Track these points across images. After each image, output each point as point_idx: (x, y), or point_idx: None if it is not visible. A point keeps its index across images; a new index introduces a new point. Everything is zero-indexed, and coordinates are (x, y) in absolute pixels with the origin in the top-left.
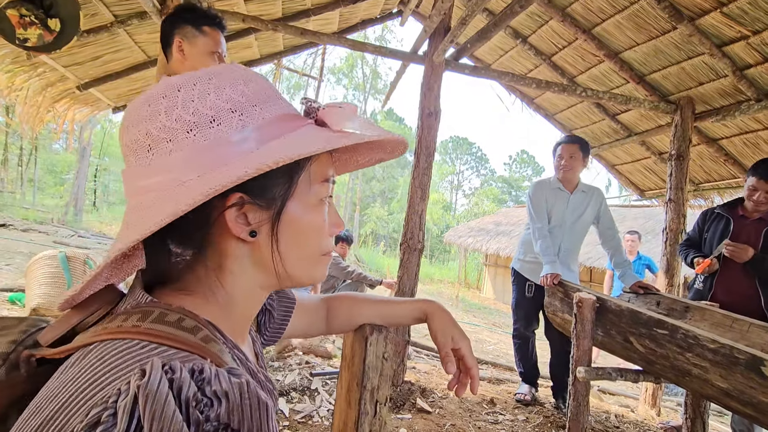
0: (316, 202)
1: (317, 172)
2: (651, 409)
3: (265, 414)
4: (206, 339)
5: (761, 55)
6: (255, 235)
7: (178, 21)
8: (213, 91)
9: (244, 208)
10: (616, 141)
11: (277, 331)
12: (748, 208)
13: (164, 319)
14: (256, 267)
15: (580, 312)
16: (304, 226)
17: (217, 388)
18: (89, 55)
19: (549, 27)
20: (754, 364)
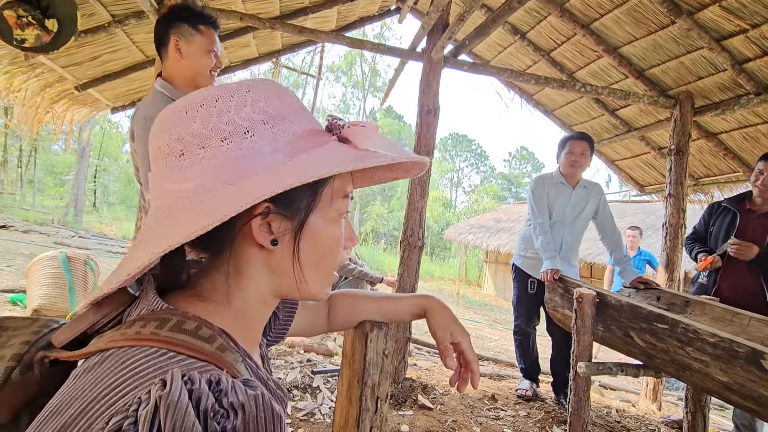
0: (336, 216)
1: (339, 188)
2: (652, 404)
3: (279, 426)
4: (222, 348)
5: (760, 48)
6: (276, 243)
7: (174, 20)
8: (249, 103)
9: (268, 217)
10: (616, 136)
11: (281, 331)
12: (755, 194)
13: (182, 327)
14: (271, 274)
15: (580, 307)
16: (324, 238)
17: (234, 400)
18: (87, 55)
19: (547, 23)
20: (754, 357)
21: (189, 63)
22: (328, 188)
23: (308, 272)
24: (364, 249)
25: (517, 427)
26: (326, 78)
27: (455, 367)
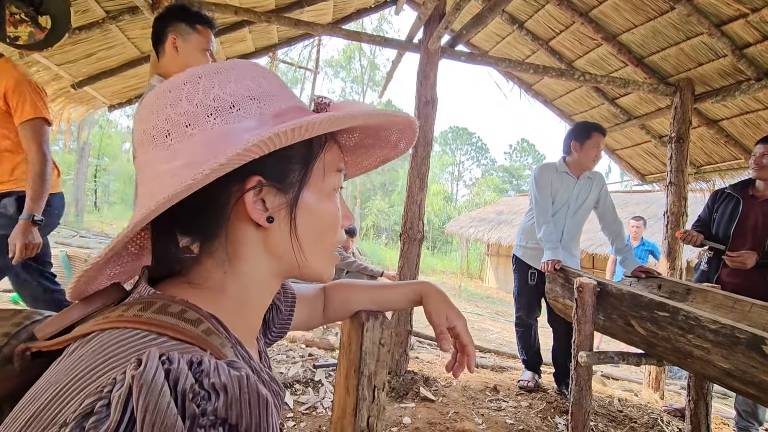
0: (330, 191)
1: (330, 162)
2: (654, 393)
3: (265, 409)
4: (208, 331)
5: (761, 33)
6: (272, 221)
7: (172, 19)
8: (234, 80)
9: (262, 192)
10: (616, 125)
11: (284, 326)
12: (754, 176)
13: (167, 310)
14: (269, 254)
15: (581, 297)
16: (320, 213)
17: (216, 381)
18: (82, 52)
19: (545, 11)
20: (755, 343)
21: (185, 60)
22: (319, 162)
23: (308, 249)
24: (366, 244)
25: (519, 417)
26: (325, 73)
27: (452, 351)
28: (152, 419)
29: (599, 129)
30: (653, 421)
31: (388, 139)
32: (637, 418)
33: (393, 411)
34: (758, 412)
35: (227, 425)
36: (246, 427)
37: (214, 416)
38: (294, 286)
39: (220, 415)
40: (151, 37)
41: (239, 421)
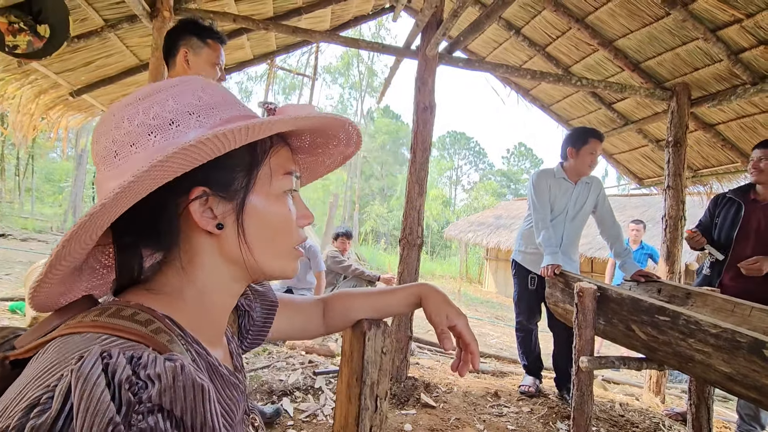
0: (279, 193)
1: (277, 165)
2: (656, 397)
3: (200, 395)
4: (157, 330)
5: (755, 38)
6: (222, 227)
7: (184, 33)
8: (172, 97)
9: (209, 202)
10: (613, 130)
11: (259, 333)
12: (753, 181)
13: (120, 313)
14: (224, 259)
15: (581, 302)
16: (268, 217)
17: (151, 372)
18: (81, 60)
19: (542, 17)
20: (756, 347)
21: (195, 74)
22: (264, 167)
23: (261, 251)
24: (365, 249)
25: (521, 423)
26: (323, 79)
27: (454, 350)
28: (86, 406)
29: (595, 134)
30: (655, 426)
31: (338, 137)
32: (638, 423)
33: (394, 418)
34: (760, 415)
35: (164, 411)
36: (181, 411)
37: (150, 403)
38: (288, 296)
39: (155, 401)
40: (162, 49)
41: (173, 407)
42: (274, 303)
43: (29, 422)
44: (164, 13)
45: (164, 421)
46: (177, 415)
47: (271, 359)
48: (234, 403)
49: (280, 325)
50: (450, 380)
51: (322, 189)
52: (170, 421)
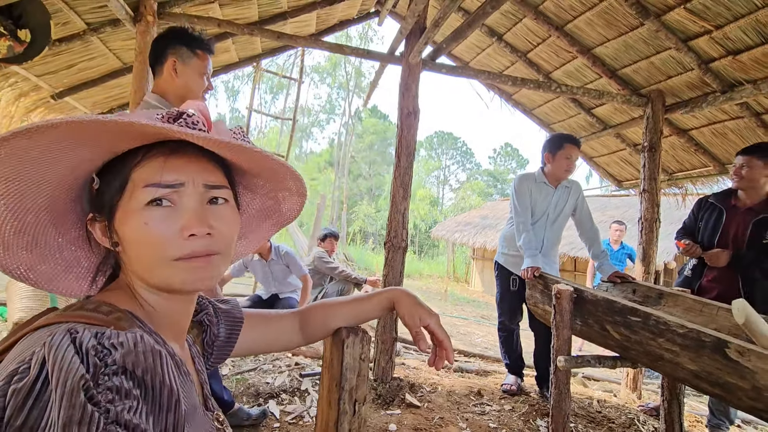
0: (138, 208)
1: (140, 179)
2: (632, 393)
3: (159, 359)
4: (118, 318)
5: (724, 48)
6: (117, 245)
7: (173, 41)
8: None
9: (100, 224)
10: (593, 134)
11: (223, 349)
12: (735, 187)
13: (84, 307)
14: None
15: (558, 303)
16: (128, 233)
17: (114, 341)
18: (63, 63)
19: (523, 25)
20: (719, 346)
21: (183, 83)
22: (130, 183)
23: (138, 267)
24: (353, 249)
25: (503, 421)
26: (311, 79)
27: (430, 349)
28: (60, 366)
29: (570, 140)
30: (630, 421)
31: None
32: (615, 419)
33: (379, 418)
34: (730, 410)
35: (127, 372)
36: (142, 372)
37: (115, 365)
38: (259, 310)
39: (119, 363)
40: (149, 55)
41: (135, 368)
42: (239, 319)
43: (11, 386)
44: (148, 17)
45: (128, 381)
46: (138, 376)
47: (257, 362)
48: (188, 391)
49: (249, 339)
50: (434, 380)
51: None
52: (133, 381)
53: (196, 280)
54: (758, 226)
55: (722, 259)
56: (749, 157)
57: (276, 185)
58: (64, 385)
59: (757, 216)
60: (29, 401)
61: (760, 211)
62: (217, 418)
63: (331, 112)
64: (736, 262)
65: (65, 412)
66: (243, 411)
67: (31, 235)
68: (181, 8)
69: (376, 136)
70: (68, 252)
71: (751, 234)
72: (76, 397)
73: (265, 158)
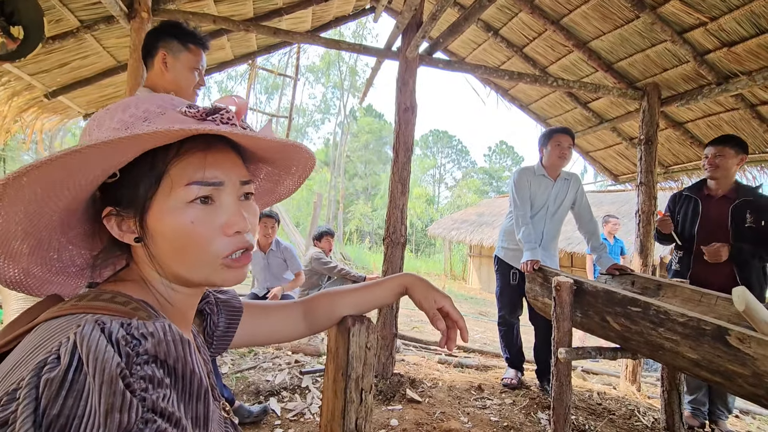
0: (180, 205)
1: (180, 176)
2: (632, 386)
3: (187, 348)
4: (136, 308)
5: (719, 40)
6: (140, 240)
7: (165, 35)
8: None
9: (122, 219)
10: (589, 128)
11: (222, 339)
12: (709, 184)
13: (99, 297)
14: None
15: (558, 295)
16: (168, 229)
17: (144, 330)
18: (56, 61)
19: (519, 19)
20: (719, 334)
21: (173, 77)
22: (166, 179)
23: (176, 264)
24: (350, 248)
25: (504, 414)
26: (306, 79)
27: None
28: (95, 356)
29: (559, 130)
30: (630, 412)
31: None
32: (615, 410)
33: (381, 413)
34: (728, 400)
35: (158, 361)
36: (174, 360)
37: (146, 354)
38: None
39: (151, 353)
40: (141, 49)
41: (167, 357)
42: (238, 309)
43: (43, 376)
44: (142, 14)
45: (159, 369)
46: (169, 364)
47: (257, 360)
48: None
49: (249, 330)
50: (435, 375)
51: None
52: (164, 369)
53: (237, 277)
54: (737, 211)
55: (723, 254)
56: (722, 146)
57: (283, 170)
58: (102, 374)
59: (732, 203)
60: (63, 391)
61: (733, 197)
62: (223, 407)
63: (326, 112)
64: (736, 255)
65: (106, 399)
66: (244, 408)
67: (36, 237)
68: (175, 4)
69: (372, 135)
70: (66, 251)
71: (733, 220)
72: (116, 385)
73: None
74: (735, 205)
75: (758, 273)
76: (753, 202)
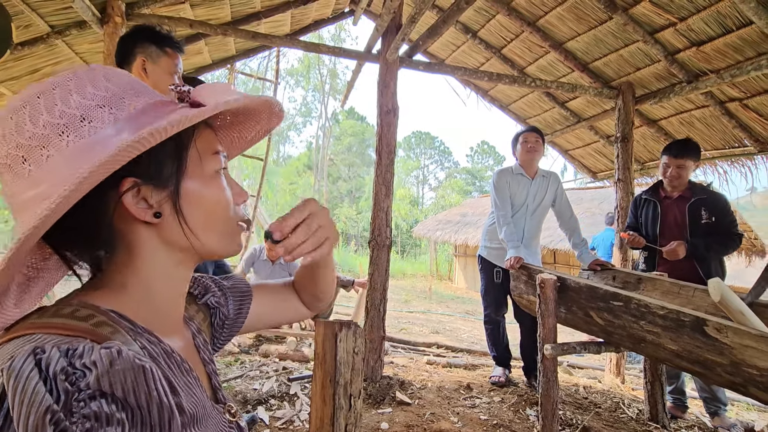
0: (212, 173)
1: (204, 147)
2: (616, 378)
3: (142, 376)
4: (98, 324)
5: (688, 40)
6: (160, 215)
7: (142, 40)
8: (74, 91)
9: (141, 192)
10: (567, 127)
11: (233, 326)
12: (666, 186)
13: (59, 312)
14: (166, 246)
15: (543, 292)
16: (205, 198)
17: (86, 360)
18: (26, 68)
19: (496, 21)
20: (698, 325)
21: (153, 83)
22: (192, 150)
23: (204, 233)
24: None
25: (493, 412)
26: (286, 82)
27: None
28: (21, 399)
29: (525, 129)
30: (615, 405)
31: (260, 113)
32: (601, 403)
33: (371, 417)
34: (718, 395)
35: (107, 396)
36: (124, 392)
37: (89, 389)
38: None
39: (94, 387)
40: (115, 55)
41: (113, 390)
42: (247, 292)
43: None
44: (116, 18)
45: (108, 404)
46: (120, 397)
47: (243, 369)
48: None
49: (256, 313)
50: (424, 376)
51: (289, 193)
52: (115, 404)
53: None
54: (693, 209)
55: (680, 251)
56: (683, 159)
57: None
58: (26, 421)
59: (689, 201)
60: None
61: (689, 197)
62: (229, 410)
63: (307, 115)
64: (693, 251)
65: None
66: None
67: None
68: (150, 9)
69: (354, 138)
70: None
71: (690, 217)
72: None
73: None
74: (691, 203)
75: (716, 266)
76: (707, 199)
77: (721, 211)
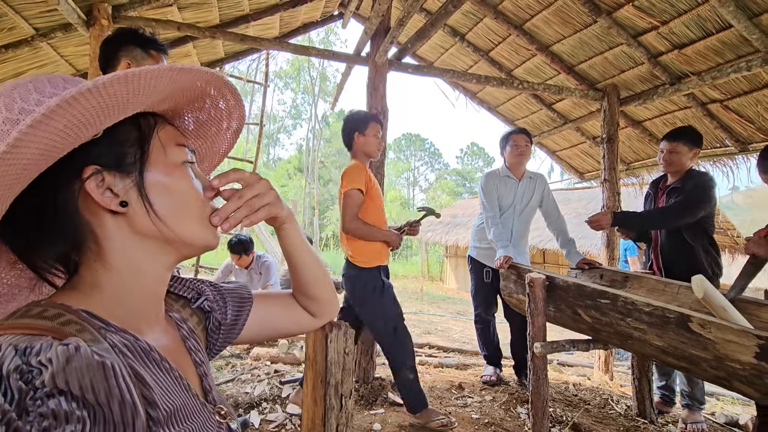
0: (177, 163)
1: (167, 138)
2: (605, 375)
3: (101, 372)
4: (66, 322)
5: (670, 43)
6: (126, 204)
7: (125, 43)
8: (19, 97)
9: (105, 181)
10: (554, 129)
11: (230, 332)
12: (663, 171)
13: (28, 313)
14: (138, 236)
15: (532, 291)
16: (173, 186)
17: (42, 358)
18: (10, 71)
19: (484, 24)
20: (682, 321)
21: None
22: (154, 140)
23: (173, 221)
24: (326, 254)
25: (484, 411)
26: (275, 85)
27: None
28: None
29: (515, 131)
30: (604, 402)
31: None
32: (590, 400)
33: (363, 418)
34: (696, 393)
35: (65, 393)
36: (82, 390)
37: (45, 387)
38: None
39: (49, 384)
40: (98, 59)
41: (71, 387)
42: (248, 298)
43: None
44: (102, 21)
45: (68, 402)
46: (78, 395)
47: (235, 372)
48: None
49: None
50: None
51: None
52: (75, 401)
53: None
54: (671, 193)
55: (603, 221)
56: (675, 143)
57: None
58: None
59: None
60: None
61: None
62: (219, 411)
63: (297, 118)
64: (622, 221)
65: None
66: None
67: None
68: (137, 11)
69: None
70: None
71: (667, 201)
72: None
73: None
74: (671, 188)
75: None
76: (690, 181)
77: (693, 186)
